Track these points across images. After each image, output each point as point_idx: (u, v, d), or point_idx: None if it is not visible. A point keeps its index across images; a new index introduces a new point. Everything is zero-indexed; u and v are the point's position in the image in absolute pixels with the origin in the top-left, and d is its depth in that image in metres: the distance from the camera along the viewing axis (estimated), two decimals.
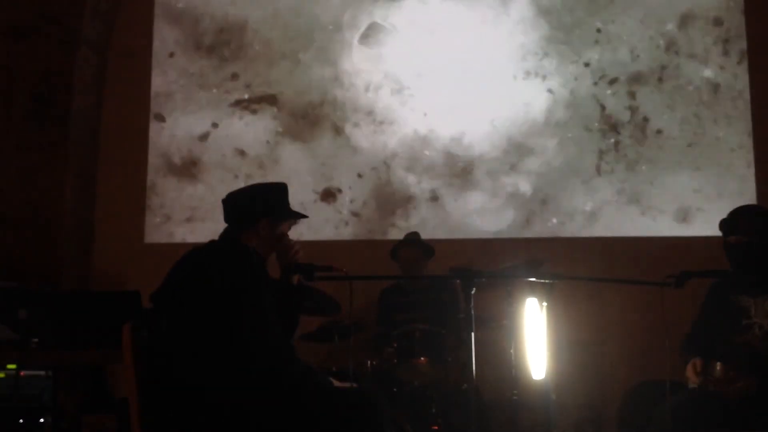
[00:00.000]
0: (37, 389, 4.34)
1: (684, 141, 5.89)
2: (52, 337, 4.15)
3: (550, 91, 5.99)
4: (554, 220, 5.88)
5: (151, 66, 6.25)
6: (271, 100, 6.16)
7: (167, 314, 3.02)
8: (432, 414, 4.46)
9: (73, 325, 4.22)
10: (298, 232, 5.44)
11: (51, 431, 4.32)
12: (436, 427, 4.43)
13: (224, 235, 3.24)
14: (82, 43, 5.98)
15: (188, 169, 6.14)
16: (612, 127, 5.94)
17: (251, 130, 6.14)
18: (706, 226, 5.63)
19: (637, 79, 5.97)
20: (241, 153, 6.11)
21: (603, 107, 5.96)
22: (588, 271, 5.09)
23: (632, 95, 5.95)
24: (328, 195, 6.04)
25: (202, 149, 6.15)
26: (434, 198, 5.96)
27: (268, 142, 6.11)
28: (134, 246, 6.01)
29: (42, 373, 4.37)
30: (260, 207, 3.22)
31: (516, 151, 5.95)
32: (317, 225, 5.89)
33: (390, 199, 5.99)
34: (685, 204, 5.81)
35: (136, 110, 6.18)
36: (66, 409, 4.61)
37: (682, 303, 3.63)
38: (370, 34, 6.16)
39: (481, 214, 5.92)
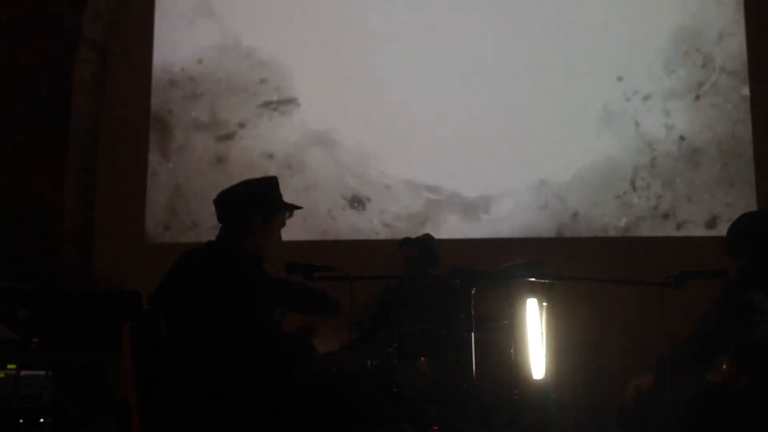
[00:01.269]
0: (37, 389, 4.34)
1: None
2: (52, 337, 4.15)
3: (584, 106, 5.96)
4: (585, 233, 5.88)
5: (151, 66, 6.25)
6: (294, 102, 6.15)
7: (168, 317, 3.01)
8: (432, 414, 4.45)
9: (73, 325, 4.22)
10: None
11: (51, 431, 4.32)
12: (436, 427, 4.42)
13: (220, 236, 3.22)
14: (82, 43, 5.99)
15: (189, 166, 6.14)
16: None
17: (277, 132, 6.13)
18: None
19: (672, 95, 5.94)
20: (265, 155, 6.10)
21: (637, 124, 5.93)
22: (588, 271, 5.08)
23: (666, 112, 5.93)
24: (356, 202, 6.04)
25: (205, 146, 6.15)
26: (461, 206, 5.95)
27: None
28: (134, 246, 6.01)
29: (42, 373, 4.36)
30: (250, 204, 3.18)
31: (544, 165, 5.94)
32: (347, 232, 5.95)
33: (415, 205, 5.99)
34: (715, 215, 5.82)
35: (137, 110, 6.18)
36: (66, 409, 4.61)
37: (682, 303, 3.62)
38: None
39: (513, 226, 5.91)
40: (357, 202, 6.01)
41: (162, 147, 6.18)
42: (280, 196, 3.27)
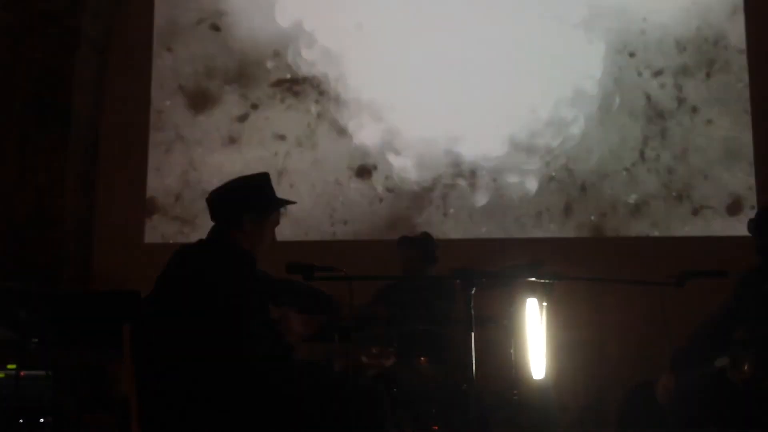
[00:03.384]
0: (37, 389, 4.34)
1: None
2: (52, 337, 4.16)
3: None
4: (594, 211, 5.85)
5: (151, 65, 6.25)
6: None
7: (162, 317, 2.99)
8: (432, 414, 4.45)
9: (73, 325, 4.23)
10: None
11: (51, 431, 4.32)
12: (436, 427, 4.42)
13: (212, 234, 3.19)
14: (82, 43, 5.99)
15: (188, 165, 6.14)
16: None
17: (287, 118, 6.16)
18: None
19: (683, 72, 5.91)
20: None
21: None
22: (588, 271, 5.08)
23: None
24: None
25: (205, 144, 6.15)
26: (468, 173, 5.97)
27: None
28: (134, 246, 6.01)
29: (42, 373, 4.37)
30: (244, 202, 3.13)
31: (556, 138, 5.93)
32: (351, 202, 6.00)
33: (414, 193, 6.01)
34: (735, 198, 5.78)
35: (136, 110, 6.18)
36: (66, 409, 4.62)
37: (682, 303, 3.62)
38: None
39: (524, 205, 5.91)
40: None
41: (161, 146, 6.18)
42: (273, 192, 3.24)
